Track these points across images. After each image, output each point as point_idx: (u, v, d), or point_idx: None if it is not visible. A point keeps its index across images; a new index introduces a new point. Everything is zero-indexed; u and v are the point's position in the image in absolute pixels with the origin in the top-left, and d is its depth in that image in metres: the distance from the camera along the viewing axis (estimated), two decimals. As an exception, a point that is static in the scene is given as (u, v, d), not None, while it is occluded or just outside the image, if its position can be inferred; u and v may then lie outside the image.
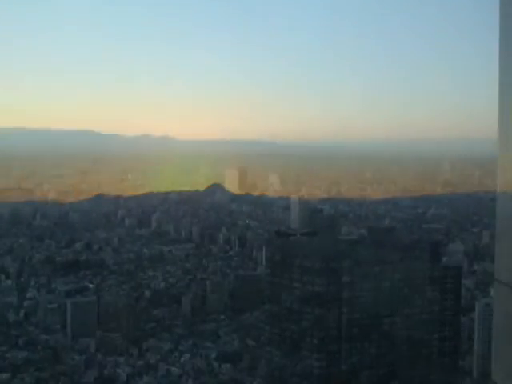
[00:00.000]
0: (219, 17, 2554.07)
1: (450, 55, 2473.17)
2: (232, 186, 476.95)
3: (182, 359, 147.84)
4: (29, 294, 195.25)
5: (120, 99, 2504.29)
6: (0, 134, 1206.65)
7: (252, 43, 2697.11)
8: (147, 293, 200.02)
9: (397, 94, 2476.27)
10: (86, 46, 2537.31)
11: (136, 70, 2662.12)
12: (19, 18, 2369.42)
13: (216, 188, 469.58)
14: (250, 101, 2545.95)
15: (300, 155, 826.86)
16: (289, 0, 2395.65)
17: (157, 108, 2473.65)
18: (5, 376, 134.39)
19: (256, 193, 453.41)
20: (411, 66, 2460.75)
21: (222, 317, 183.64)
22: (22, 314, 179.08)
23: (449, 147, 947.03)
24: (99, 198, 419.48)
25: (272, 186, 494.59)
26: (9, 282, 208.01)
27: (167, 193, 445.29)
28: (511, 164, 57.12)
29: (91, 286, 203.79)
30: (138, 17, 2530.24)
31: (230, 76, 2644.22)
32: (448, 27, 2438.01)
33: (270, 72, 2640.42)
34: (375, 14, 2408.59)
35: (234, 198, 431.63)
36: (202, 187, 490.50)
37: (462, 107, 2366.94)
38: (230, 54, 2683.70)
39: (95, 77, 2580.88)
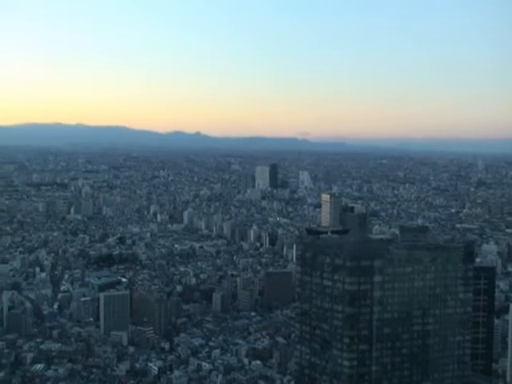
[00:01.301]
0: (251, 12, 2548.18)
1: (486, 54, 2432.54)
2: (263, 182, 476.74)
3: (213, 355, 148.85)
4: (63, 287, 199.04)
5: (153, 96, 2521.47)
6: (35, 130, 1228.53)
7: (291, 39, 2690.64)
8: (179, 288, 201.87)
9: (431, 92, 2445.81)
10: (119, 44, 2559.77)
11: (169, 66, 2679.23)
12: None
13: (247, 185, 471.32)
14: (283, 99, 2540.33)
15: (332, 153, 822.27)
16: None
17: (190, 105, 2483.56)
18: (39, 367, 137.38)
19: (287, 190, 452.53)
20: (450, 65, 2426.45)
21: (253, 313, 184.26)
22: (55, 306, 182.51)
23: (483, 146, 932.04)
24: (132, 194, 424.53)
25: (303, 183, 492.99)
26: (43, 274, 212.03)
27: (199, 189, 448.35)
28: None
29: (124, 280, 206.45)
30: (169, 12, 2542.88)
31: (264, 74, 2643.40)
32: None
33: (304, 70, 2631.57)
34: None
35: (265, 194, 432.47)
36: (231, 184, 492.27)
37: (497, 107, 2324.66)
38: (261, 53, 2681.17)
39: (130, 73, 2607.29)
